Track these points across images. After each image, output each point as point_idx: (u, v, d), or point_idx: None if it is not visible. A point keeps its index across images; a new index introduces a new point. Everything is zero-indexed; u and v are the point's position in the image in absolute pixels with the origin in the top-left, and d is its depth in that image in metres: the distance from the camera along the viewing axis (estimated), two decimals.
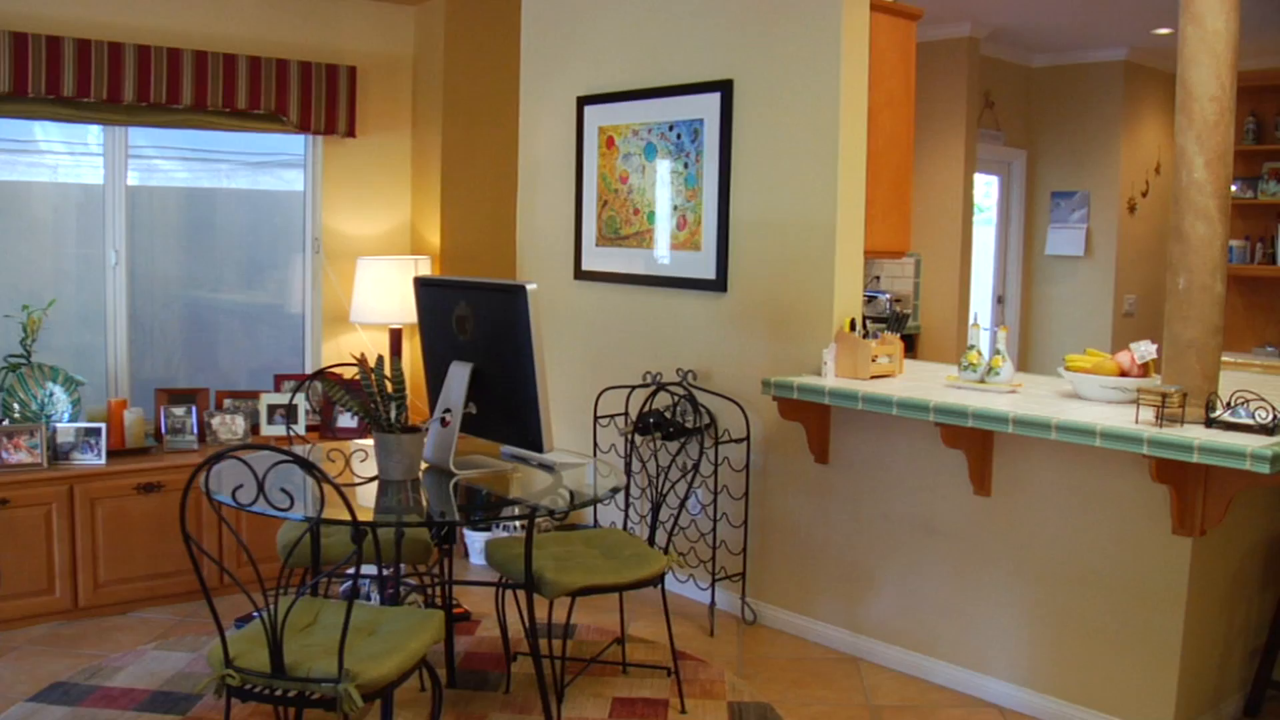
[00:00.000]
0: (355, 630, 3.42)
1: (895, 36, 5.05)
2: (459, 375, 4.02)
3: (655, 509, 4.53)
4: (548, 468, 4.15)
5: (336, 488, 3.03)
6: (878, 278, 8.49)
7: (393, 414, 3.84)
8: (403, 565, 4.34)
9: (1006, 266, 9.34)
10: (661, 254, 5.64)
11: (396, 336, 6.35)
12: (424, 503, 3.84)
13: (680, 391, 5.13)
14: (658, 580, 4.16)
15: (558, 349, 6.31)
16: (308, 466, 3.03)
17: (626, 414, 5.55)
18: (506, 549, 4.14)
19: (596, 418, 5.62)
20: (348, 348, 6.59)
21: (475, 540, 6.09)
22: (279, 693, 3.18)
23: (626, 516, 5.75)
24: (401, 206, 6.84)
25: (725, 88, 5.27)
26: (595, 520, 5.98)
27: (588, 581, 3.97)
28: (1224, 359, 7.22)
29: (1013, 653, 4.38)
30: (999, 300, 9.32)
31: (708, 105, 5.36)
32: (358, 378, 4.12)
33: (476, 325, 3.99)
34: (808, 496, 5.07)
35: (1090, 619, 4.15)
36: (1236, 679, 4.31)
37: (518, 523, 5.92)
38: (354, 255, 6.56)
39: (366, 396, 3.86)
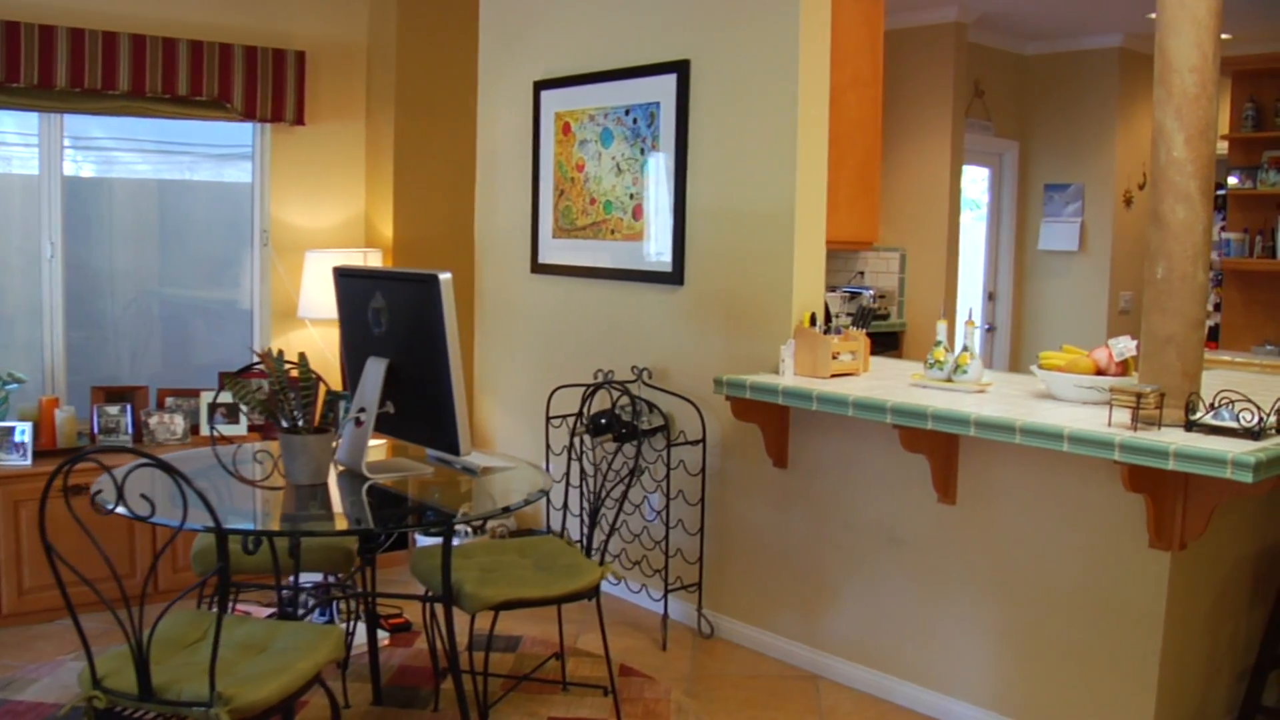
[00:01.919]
0: (244, 648, 3.14)
1: (861, 12, 4.73)
2: (374, 372, 3.71)
3: (593, 515, 4.21)
4: (471, 471, 3.83)
5: (198, 493, 2.73)
6: (861, 273, 8.17)
7: (299, 413, 3.54)
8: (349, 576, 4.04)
9: (998, 262, 9.01)
10: (617, 245, 5.32)
11: None
12: (337, 509, 3.53)
13: (634, 390, 4.82)
14: (591, 593, 3.85)
15: (514, 346, 6.01)
16: (168, 470, 2.73)
17: (580, 414, 5.24)
18: (430, 559, 3.84)
19: (549, 418, 5.30)
20: (298, 344, 6.28)
21: (426, 544, 5.77)
22: (150, 716, 2.89)
23: (581, 523, 5.44)
24: (355, 198, 6.53)
25: (682, 69, 4.95)
26: (548, 526, 5.66)
27: (512, 595, 3.67)
28: (1221, 358, 6.94)
29: (979, 673, 4.05)
30: (990, 297, 8.99)
31: (664, 87, 5.04)
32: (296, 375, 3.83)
33: (392, 318, 3.68)
34: (766, 503, 4.75)
35: (1062, 638, 3.82)
36: (1223, 702, 3.97)
37: (468, 528, 5.62)
38: (304, 248, 6.25)
39: (273, 395, 3.56)
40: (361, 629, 4.52)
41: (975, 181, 9.00)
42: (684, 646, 4.84)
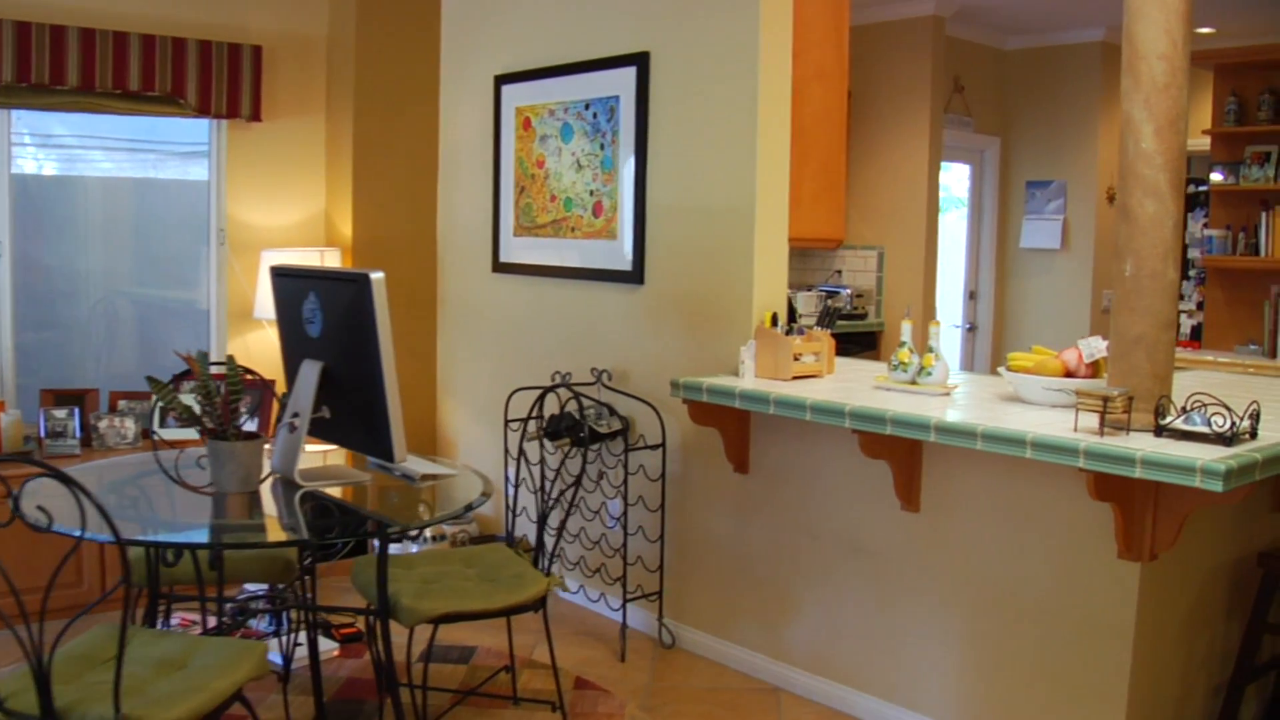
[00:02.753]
0: (162, 665, 2.97)
1: (825, 2, 4.57)
2: (308, 376, 3.54)
3: (540, 522, 4.05)
4: (411, 479, 3.67)
5: (96, 503, 2.56)
6: (839, 271, 8.01)
7: (225, 417, 3.37)
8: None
9: (979, 261, 8.85)
10: (578, 243, 5.16)
11: None
12: (264, 518, 3.36)
13: (594, 393, 4.66)
14: (537, 605, 3.69)
15: (476, 347, 5.85)
16: (63, 480, 2.56)
17: (540, 417, 5.07)
18: (369, 570, 3.66)
19: (507, 421, 5.13)
20: (255, 345, 6.11)
21: None
22: None
23: (540, 530, 5.29)
24: (315, 196, 6.35)
25: (641, 61, 4.79)
26: (508, 533, 5.48)
27: (450, 608, 3.50)
28: (1204, 358, 6.79)
29: (944, 687, 3.89)
30: (971, 296, 8.83)
31: (623, 81, 4.88)
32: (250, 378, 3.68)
33: (325, 319, 3.51)
34: (727, 509, 4.58)
35: (1030, 651, 3.65)
36: (1199, 718, 3.81)
37: (426, 535, 5.46)
38: (262, 247, 6.07)
39: (206, 398, 3.40)
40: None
41: (961, 180, 8.85)
42: (644, 657, 4.68)
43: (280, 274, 3.79)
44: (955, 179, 8.84)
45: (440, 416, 6.17)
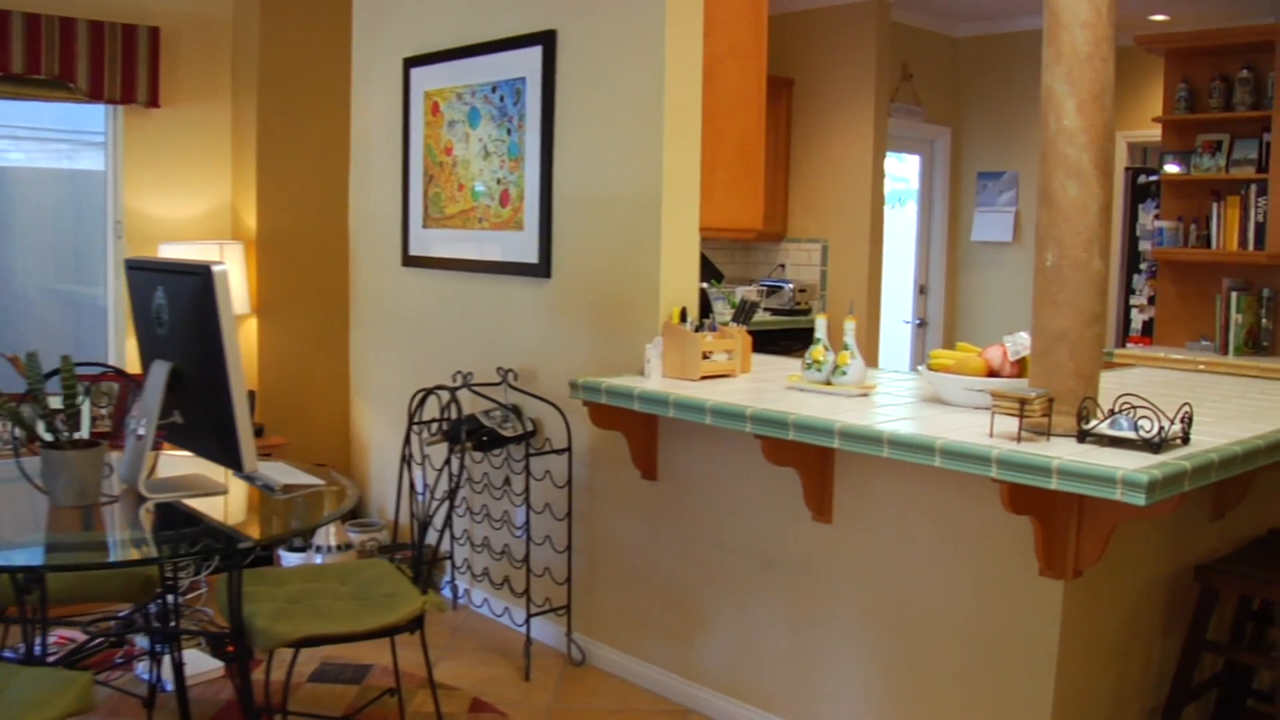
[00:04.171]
0: None
1: None
2: (156, 377, 3.22)
3: (421, 532, 3.74)
4: (271, 489, 3.35)
5: None
6: (782, 265, 7.72)
7: (62, 424, 3.05)
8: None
9: (929, 254, 8.57)
10: (485, 235, 4.85)
11: None
12: (102, 536, 3.05)
13: (499, 394, 4.35)
14: (411, 626, 3.37)
15: (386, 345, 5.54)
16: None
17: (444, 419, 4.76)
18: (227, 590, 3.34)
19: (412, 424, 4.81)
20: None
21: (291, 562, 5.28)
22: None
23: (452, 541, 4.99)
24: (221, 186, 6.01)
25: (548, 40, 4.48)
26: (417, 541, 5.17)
27: (311, 630, 3.19)
28: (1155, 354, 6.52)
29: (859, 713, 3.59)
30: (921, 290, 8.56)
31: (530, 61, 4.57)
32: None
33: (173, 316, 3.19)
34: (635, 518, 4.28)
35: (949, 674, 3.36)
36: None
37: (330, 544, 5.13)
38: (162, 241, 5.73)
39: (38, 403, 3.08)
40: (200, 661, 4.08)
41: (912, 171, 8.58)
42: (550, 676, 4.37)
43: (132, 267, 3.48)
44: (912, 170, 8.57)
45: (353, 418, 5.84)
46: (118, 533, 3.08)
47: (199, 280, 3.00)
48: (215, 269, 2.95)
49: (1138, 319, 7.39)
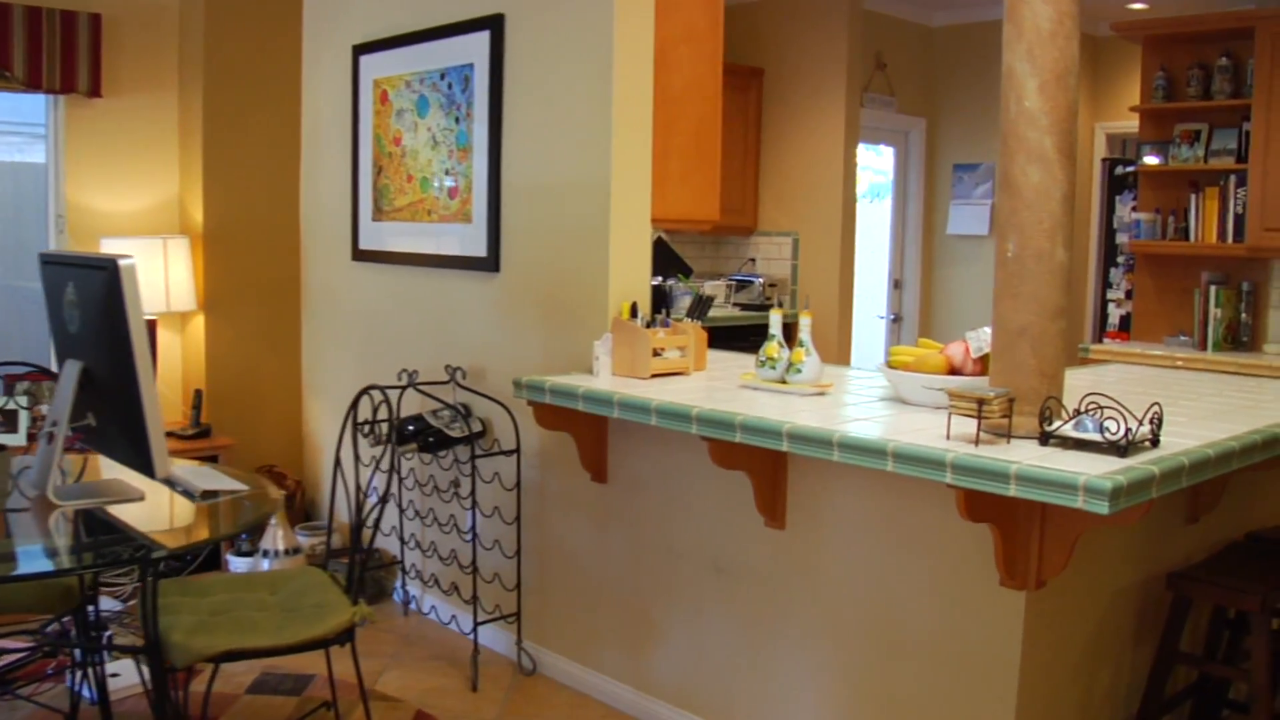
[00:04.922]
0: None
1: None
2: (67, 378, 3.04)
3: (355, 533, 3.55)
4: (190, 495, 3.16)
5: None
6: (753, 260, 7.54)
7: None
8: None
9: (904, 247, 8.41)
10: (434, 228, 4.67)
11: (150, 328, 5.33)
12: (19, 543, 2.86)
13: (447, 394, 4.17)
14: (341, 639, 3.19)
15: (336, 342, 5.35)
16: None
17: (391, 419, 4.57)
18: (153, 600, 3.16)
19: (356, 424, 4.61)
20: None
21: (239, 567, 5.10)
22: None
23: (402, 545, 4.81)
24: (168, 179, 5.81)
25: (495, 24, 4.30)
26: (369, 546, 4.99)
27: (231, 645, 3.01)
28: (1132, 350, 6.36)
29: None
30: (896, 285, 8.39)
31: (478, 47, 4.38)
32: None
33: (83, 313, 3.01)
34: (586, 523, 4.10)
35: (907, 687, 3.19)
36: None
37: (278, 549, 4.95)
38: (104, 235, 5.53)
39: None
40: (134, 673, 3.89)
41: (886, 163, 8.41)
42: (499, 686, 4.19)
43: (46, 261, 3.29)
44: (886, 163, 8.40)
45: (305, 418, 5.65)
46: (23, 542, 2.89)
47: (106, 275, 2.81)
48: (122, 263, 2.77)
49: (1115, 314, 7.23)
